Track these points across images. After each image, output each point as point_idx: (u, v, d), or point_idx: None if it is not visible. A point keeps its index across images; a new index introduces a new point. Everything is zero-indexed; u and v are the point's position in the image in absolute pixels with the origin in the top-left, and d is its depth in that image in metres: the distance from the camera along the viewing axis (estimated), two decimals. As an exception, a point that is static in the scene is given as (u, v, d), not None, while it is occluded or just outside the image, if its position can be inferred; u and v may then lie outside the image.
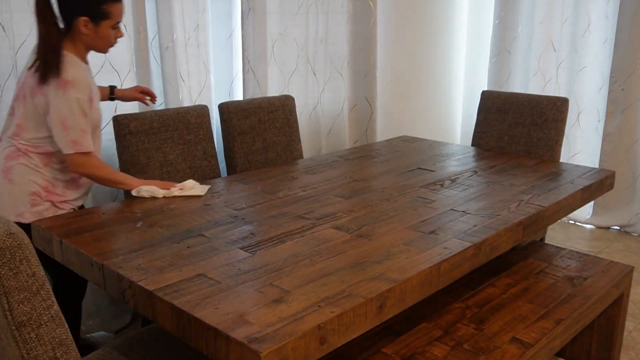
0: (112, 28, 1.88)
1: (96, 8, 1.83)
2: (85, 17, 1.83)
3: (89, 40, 1.88)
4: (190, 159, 2.44)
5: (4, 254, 0.95)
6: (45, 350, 1.02)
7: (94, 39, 1.88)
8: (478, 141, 3.01)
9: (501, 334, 1.71)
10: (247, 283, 1.33)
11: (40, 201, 1.87)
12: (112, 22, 1.87)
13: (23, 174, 1.86)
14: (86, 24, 1.84)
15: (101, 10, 1.83)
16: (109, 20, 1.86)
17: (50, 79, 1.79)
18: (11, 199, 1.86)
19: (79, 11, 1.83)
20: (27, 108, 1.85)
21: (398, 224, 1.72)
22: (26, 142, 1.87)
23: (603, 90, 3.85)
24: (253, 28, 2.92)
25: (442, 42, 4.34)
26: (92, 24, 1.84)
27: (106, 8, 1.84)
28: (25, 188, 1.86)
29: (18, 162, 1.86)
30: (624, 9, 3.58)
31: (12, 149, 1.88)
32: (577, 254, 2.32)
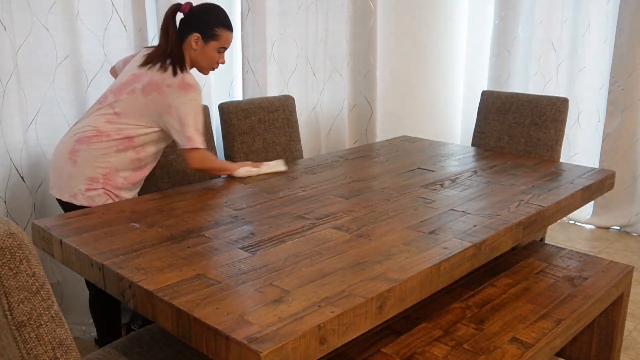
0: (217, 51, 2.09)
1: (209, 28, 2.06)
2: (198, 34, 2.05)
3: (195, 56, 2.09)
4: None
5: (4, 254, 0.95)
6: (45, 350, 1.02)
7: (199, 55, 2.09)
8: (478, 141, 3.01)
9: (501, 334, 1.71)
10: (247, 283, 1.33)
11: (96, 186, 1.98)
12: (219, 44, 2.08)
13: (88, 159, 1.97)
14: (197, 41, 2.06)
15: (213, 31, 2.06)
16: (216, 42, 2.08)
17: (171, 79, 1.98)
18: (70, 179, 1.98)
19: (194, 28, 2.06)
20: (132, 102, 2.00)
21: (398, 224, 1.72)
22: (117, 126, 2.00)
23: (603, 90, 3.85)
24: (253, 28, 2.92)
25: (442, 42, 4.34)
26: (202, 42, 2.07)
27: (217, 31, 2.07)
28: (86, 172, 1.97)
29: (89, 146, 1.98)
30: (624, 9, 3.58)
31: (87, 133, 1.99)
32: (577, 254, 2.32)
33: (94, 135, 1.99)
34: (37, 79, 2.29)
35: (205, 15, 2.06)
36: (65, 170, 1.98)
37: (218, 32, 2.07)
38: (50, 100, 2.34)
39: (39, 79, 2.29)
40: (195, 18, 2.06)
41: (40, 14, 2.24)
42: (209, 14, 2.06)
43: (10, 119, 2.21)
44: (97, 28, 2.40)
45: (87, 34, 2.38)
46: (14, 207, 2.27)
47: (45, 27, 2.26)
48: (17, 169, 2.26)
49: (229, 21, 2.11)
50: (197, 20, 2.05)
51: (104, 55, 2.43)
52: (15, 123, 2.23)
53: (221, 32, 2.08)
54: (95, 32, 2.40)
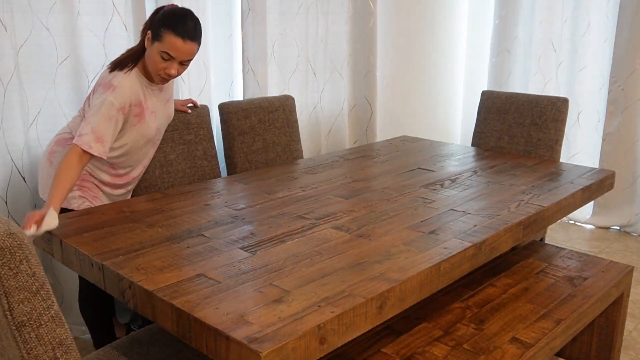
0: (160, 55, 1.89)
1: (157, 27, 1.89)
2: (150, 32, 1.92)
3: (145, 55, 1.95)
4: (191, 159, 2.44)
5: (4, 254, 0.95)
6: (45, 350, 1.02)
7: (147, 55, 1.94)
8: (478, 141, 3.01)
9: (501, 334, 1.71)
10: (247, 283, 1.33)
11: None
12: (161, 47, 1.88)
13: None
14: (148, 39, 1.92)
15: (159, 31, 1.89)
16: (159, 43, 1.88)
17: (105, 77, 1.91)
18: (47, 180, 2.00)
19: (150, 25, 1.92)
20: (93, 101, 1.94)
21: (398, 224, 1.72)
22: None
23: (603, 90, 3.85)
24: (253, 28, 2.92)
25: (442, 42, 4.34)
26: (149, 41, 1.92)
27: (163, 32, 1.88)
28: None
29: (65, 149, 1.99)
30: (624, 9, 3.58)
31: (67, 135, 2.03)
32: (577, 254, 2.32)
33: (70, 138, 2.01)
34: (38, 79, 2.29)
35: (164, 15, 1.90)
36: (44, 171, 2.02)
37: (162, 34, 1.87)
38: (51, 100, 2.34)
39: (39, 79, 2.29)
40: (157, 17, 1.92)
41: (40, 14, 2.24)
42: (168, 14, 1.90)
43: (12, 119, 2.21)
44: (98, 28, 2.40)
45: (88, 34, 2.38)
46: (15, 207, 2.27)
47: (46, 27, 2.26)
48: (18, 170, 2.26)
49: (184, 29, 1.87)
50: (157, 19, 1.91)
51: (105, 55, 2.43)
52: (17, 123, 2.23)
53: (166, 35, 1.87)
54: (96, 32, 2.40)
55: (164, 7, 1.95)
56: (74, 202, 1.99)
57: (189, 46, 1.90)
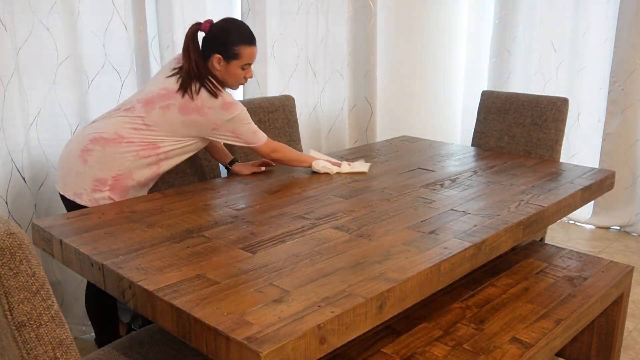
0: (241, 68, 2.08)
1: (229, 48, 2.04)
2: (219, 55, 2.04)
3: (220, 75, 2.08)
4: (191, 159, 2.44)
5: (4, 254, 0.95)
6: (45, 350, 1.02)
7: (224, 75, 2.08)
8: (478, 141, 3.01)
9: (501, 334, 1.71)
10: (247, 283, 1.33)
11: (102, 189, 1.97)
12: (241, 62, 2.07)
13: (100, 160, 1.97)
14: (219, 62, 2.05)
15: (232, 51, 2.04)
16: (238, 60, 2.06)
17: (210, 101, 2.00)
18: (77, 178, 1.98)
19: (214, 49, 2.04)
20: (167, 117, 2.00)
21: (398, 224, 1.72)
22: (145, 135, 2.00)
23: (603, 90, 3.85)
24: (253, 28, 2.92)
25: (442, 42, 4.34)
26: (224, 62, 2.05)
27: (237, 50, 2.04)
28: (95, 173, 1.97)
29: (104, 149, 1.97)
30: (624, 9, 3.58)
31: (108, 135, 1.98)
32: (577, 254, 2.32)
33: (113, 138, 1.97)
34: (38, 79, 2.29)
35: (223, 35, 2.03)
36: (74, 167, 1.98)
37: (238, 51, 2.04)
38: (52, 100, 2.34)
39: (40, 79, 2.29)
40: (214, 38, 2.04)
41: (41, 14, 2.24)
42: (227, 33, 2.04)
43: (12, 119, 2.21)
44: (98, 28, 2.40)
45: (88, 34, 2.38)
46: (15, 207, 2.27)
47: (46, 27, 2.26)
48: (18, 169, 2.26)
49: (249, 35, 2.07)
50: (216, 41, 2.04)
51: (105, 55, 2.43)
52: (17, 123, 2.23)
53: (241, 50, 2.05)
54: (96, 32, 2.40)
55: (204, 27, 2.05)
56: (102, 202, 1.97)
57: (256, 47, 2.12)
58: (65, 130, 2.39)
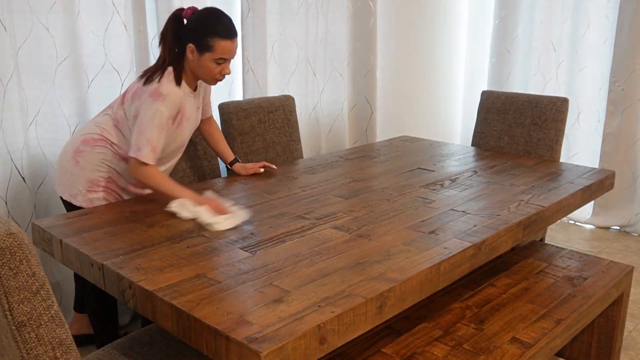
0: (215, 62, 1.94)
1: (202, 39, 1.91)
2: (192, 45, 1.92)
3: (193, 67, 1.96)
4: (191, 159, 2.44)
5: (4, 254, 0.95)
6: (45, 350, 1.02)
7: (196, 67, 1.96)
8: (478, 141, 3.01)
9: (501, 334, 1.71)
10: (247, 283, 1.33)
11: (96, 189, 1.97)
12: (214, 56, 1.92)
13: (92, 161, 1.97)
14: (192, 52, 1.93)
15: (206, 42, 1.91)
16: (211, 53, 1.92)
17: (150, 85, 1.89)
18: (71, 179, 1.98)
19: (189, 38, 1.93)
20: (124, 111, 1.96)
21: (398, 224, 1.72)
22: (116, 135, 1.98)
23: (603, 90, 3.85)
24: (253, 28, 2.92)
25: (442, 42, 4.34)
26: (197, 53, 1.93)
27: (211, 42, 1.91)
28: (88, 173, 1.97)
29: (94, 148, 1.96)
30: (624, 9, 3.58)
31: (94, 135, 1.98)
32: (577, 254, 2.32)
33: (99, 139, 1.98)
34: (38, 79, 2.29)
35: (201, 24, 1.91)
36: (67, 169, 1.99)
37: (212, 43, 1.90)
38: (51, 100, 2.34)
39: (39, 79, 2.29)
40: (192, 27, 1.93)
41: (40, 14, 2.24)
42: (205, 21, 1.91)
43: (11, 119, 2.21)
44: (98, 28, 2.40)
45: (88, 34, 2.38)
46: (15, 207, 2.27)
47: (45, 27, 2.26)
48: (18, 169, 2.26)
49: (226, 29, 1.93)
50: (193, 30, 1.92)
51: (105, 55, 2.43)
52: (16, 123, 2.23)
53: (216, 43, 1.90)
54: (96, 32, 2.40)
55: (185, 13, 1.95)
56: (97, 203, 1.98)
57: (236, 42, 1.97)
58: (64, 130, 2.39)
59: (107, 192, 1.99)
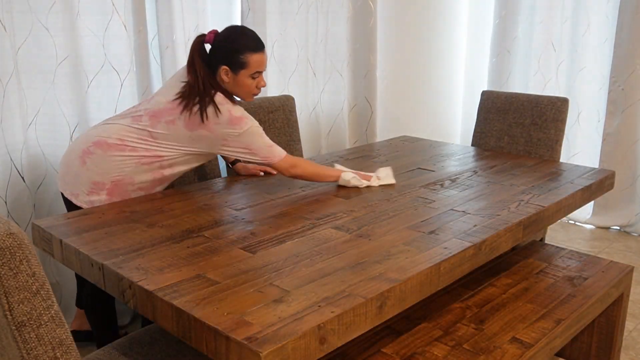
0: (251, 77, 1.98)
1: (235, 58, 1.94)
2: (226, 66, 1.96)
3: (230, 88, 2.00)
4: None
5: (4, 254, 0.95)
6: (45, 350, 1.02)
7: (233, 86, 1.99)
8: (478, 141, 3.01)
9: (501, 334, 1.71)
10: (247, 283, 1.33)
11: (99, 192, 1.95)
12: (250, 71, 1.97)
13: (100, 164, 1.93)
14: (227, 73, 1.97)
15: (239, 60, 1.95)
16: (246, 70, 1.96)
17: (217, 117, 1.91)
18: (75, 179, 1.96)
19: (220, 61, 1.96)
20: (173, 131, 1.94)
21: (398, 224, 1.72)
22: (150, 145, 1.95)
23: (603, 90, 3.85)
24: (253, 28, 2.92)
25: (442, 42, 4.34)
26: (232, 73, 1.97)
27: (244, 58, 1.95)
28: (92, 176, 1.94)
29: (106, 153, 1.93)
30: (624, 9, 3.58)
31: (112, 141, 1.94)
32: (577, 254, 2.32)
33: (117, 144, 1.94)
34: (37, 79, 2.29)
35: (228, 45, 1.95)
36: (73, 167, 1.96)
37: (245, 60, 1.94)
38: (51, 100, 2.34)
39: (39, 79, 2.29)
40: (220, 49, 1.95)
41: (40, 14, 2.24)
42: (232, 42, 1.95)
43: (11, 119, 2.21)
44: (97, 28, 2.40)
45: (87, 34, 2.38)
46: (15, 207, 2.27)
47: (45, 27, 2.26)
48: (17, 169, 2.26)
49: (255, 42, 1.97)
50: (222, 52, 1.95)
51: (104, 55, 2.43)
52: (16, 123, 2.23)
53: (249, 58, 1.94)
54: (96, 32, 2.40)
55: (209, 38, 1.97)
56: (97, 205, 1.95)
57: (266, 53, 2.01)
58: (64, 130, 2.39)
59: (110, 195, 1.96)
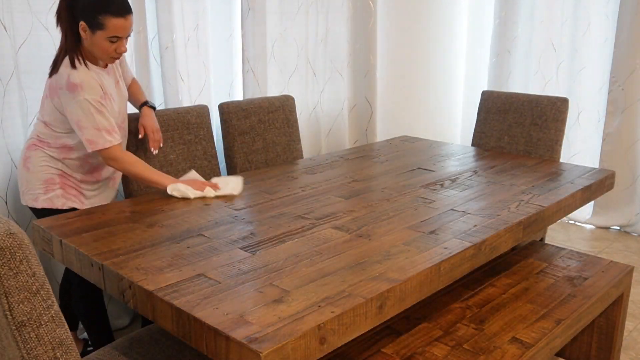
0: (109, 41, 1.88)
1: (93, 17, 1.85)
2: (84, 22, 1.87)
3: (88, 45, 1.91)
4: (191, 159, 2.44)
5: (4, 254, 0.95)
6: (45, 350, 1.02)
7: (90, 46, 1.91)
8: (478, 141, 3.01)
9: (501, 334, 1.71)
10: (247, 283, 1.33)
11: (53, 188, 1.99)
12: (107, 34, 1.87)
13: (39, 162, 1.99)
14: (84, 30, 1.88)
15: (97, 20, 1.85)
16: (103, 31, 1.87)
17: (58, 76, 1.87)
18: (28, 185, 2.00)
19: (81, 16, 1.87)
20: (49, 107, 1.95)
21: (398, 224, 1.72)
22: (48, 135, 1.98)
23: (603, 90, 3.85)
24: (253, 28, 2.92)
25: (442, 42, 4.34)
26: (89, 31, 1.88)
27: (102, 19, 1.85)
28: (40, 175, 1.99)
29: (36, 152, 1.99)
30: (624, 9, 3.58)
31: (33, 140, 2.02)
32: (577, 254, 2.32)
33: (36, 143, 2.00)
34: (37, 79, 2.29)
35: (91, 1, 1.84)
36: (22, 177, 2.02)
37: (103, 21, 1.84)
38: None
39: (39, 79, 2.29)
40: (83, 4, 1.85)
41: (40, 14, 2.24)
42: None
43: (11, 118, 2.21)
44: (97, 28, 2.40)
45: (87, 34, 2.38)
46: (15, 207, 2.27)
47: (45, 27, 2.26)
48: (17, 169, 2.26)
49: (118, 6, 1.85)
50: (84, 7, 1.85)
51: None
52: (16, 123, 2.23)
53: (107, 21, 1.84)
54: (96, 32, 2.39)
55: None
56: (57, 201, 1.99)
57: (130, 20, 1.90)
58: (65, 130, 2.38)
59: (65, 189, 2.00)
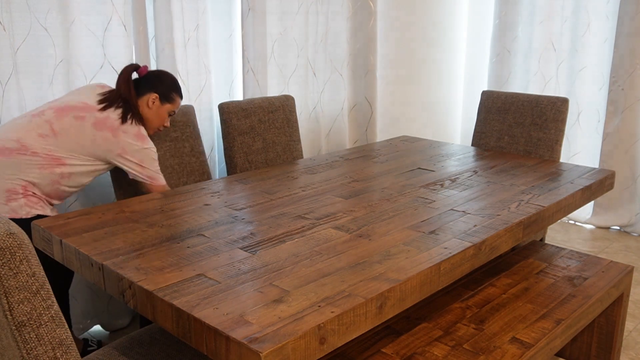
0: (168, 113, 2.23)
1: (167, 92, 2.19)
2: (156, 94, 2.17)
3: (148, 114, 2.18)
4: (179, 156, 2.45)
5: (4, 254, 0.95)
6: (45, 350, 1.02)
7: (153, 114, 2.18)
8: (478, 141, 3.01)
9: (501, 334, 1.71)
10: (247, 283, 1.33)
11: (16, 198, 1.93)
12: (172, 108, 2.22)
13: (6, 171, 1.93)
14: (154, 100, 2.17)
15: (170, 95, 2.21)
16: (171, 105, 2.22)
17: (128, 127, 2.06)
18: None
19: (152, 88, 2.17)
20: (77, 128, 2.00)
21: (398, 224, 1.72)
22: (49, 144, 1.97)
23: (603, 90, 3.85)
24: (253, 28, 2.92)
25: (442, 42, 4.34)
26: (159, 102, 2.18)
27: (174, 96, 2.22)
28: (2, 184, 1.93)
29: (9, 159, 1.93)
30: (624, 9, 3.58)
31: (12, 145, 1.94)
32: (577, 254, 2.32)
33: (17, 148, 1.93)
34: (36, 79, 2.29)
35: (164, 79, 2.19)
36: None
37: (174, 97, 2.21)
38: (50, 100, 2.33)
39: (38, 79, 2.29)
40: (155, 79, 2.17)
41: (39, 14, 2.24)
42: (167, 79, 2.20)
43: (10, 119, 2.21)
44: (97, 28, 2.40)
45: (87, 34, 2.38)
46: (14, 207, 2.27)
47: (44, 27, 2.26)
48: (17, 169, 2.25)
49: (181, 90, 2.25)
50: (157, 82, 2.17)
51: (104, 55, 2.43)
52: (15, 123, 2.23)
53: (176, 98, 2.22)
54: (95, 32, 2.40)
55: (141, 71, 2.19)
56: (21, 210, 1.92)
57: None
58: (65, 130, 2.38)
59: (28, 199, 1.95)
